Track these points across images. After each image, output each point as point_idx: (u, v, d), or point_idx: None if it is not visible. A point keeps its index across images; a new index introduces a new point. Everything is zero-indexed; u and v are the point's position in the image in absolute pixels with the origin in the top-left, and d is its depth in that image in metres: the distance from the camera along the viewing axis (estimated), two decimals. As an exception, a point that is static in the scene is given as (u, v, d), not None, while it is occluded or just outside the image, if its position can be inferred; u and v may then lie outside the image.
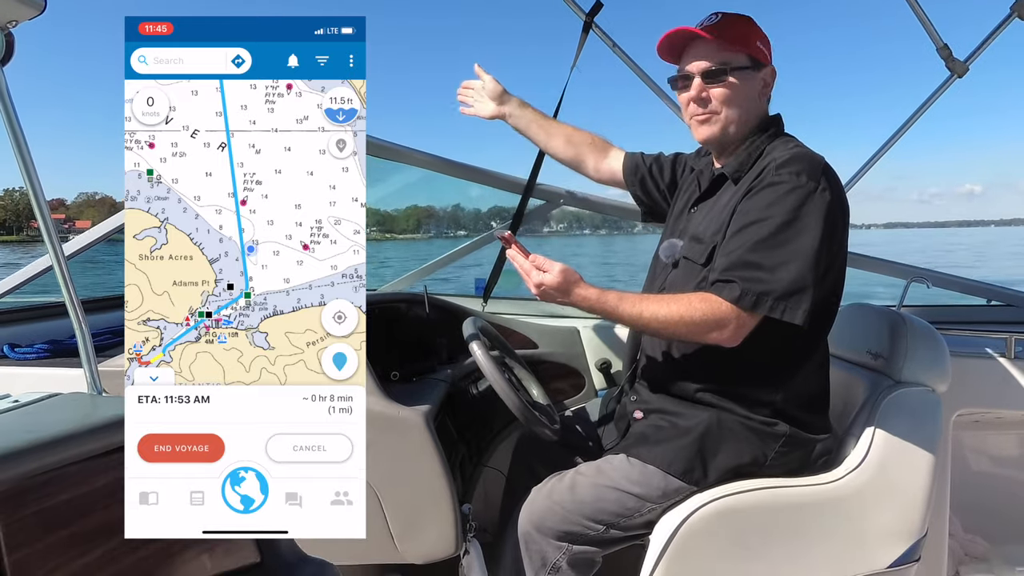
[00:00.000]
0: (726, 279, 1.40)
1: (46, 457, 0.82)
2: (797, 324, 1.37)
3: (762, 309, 1.37)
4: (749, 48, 1.54)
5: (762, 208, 1.42)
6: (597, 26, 2.41)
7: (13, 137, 1.12)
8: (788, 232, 1.39)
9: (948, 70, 2.36)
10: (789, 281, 1.37)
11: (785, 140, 1.56)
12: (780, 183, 1.41)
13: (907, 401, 1.60)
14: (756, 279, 1.38)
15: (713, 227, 1.53)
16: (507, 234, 1.53)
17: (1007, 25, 2.30)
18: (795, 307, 1.37)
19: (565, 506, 1.51)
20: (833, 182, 1.44)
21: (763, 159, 1.52)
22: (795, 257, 1.37)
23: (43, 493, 0.81)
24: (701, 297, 1.41)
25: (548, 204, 2.53)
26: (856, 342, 1.83)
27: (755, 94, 1.57)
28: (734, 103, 1.55)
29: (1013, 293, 2.47)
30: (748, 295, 1.37)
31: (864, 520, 1.53)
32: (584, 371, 2.33)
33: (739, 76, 1.54)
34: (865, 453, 1.54)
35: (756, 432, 1.50)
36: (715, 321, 1.39)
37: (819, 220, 1.39)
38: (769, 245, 1.39)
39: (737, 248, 1.41)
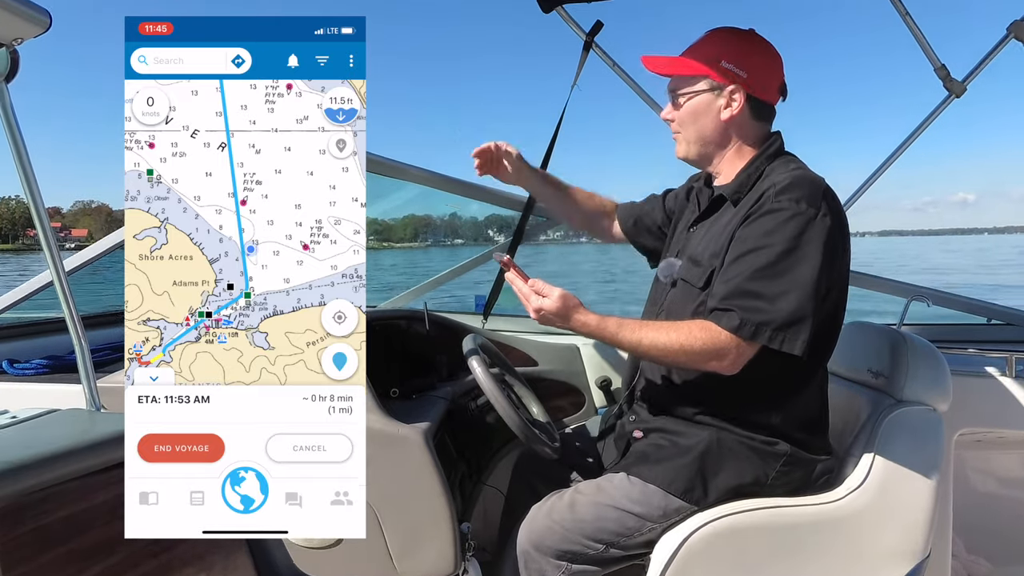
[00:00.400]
0: (725, 307, 1.39)
1: (44, 474, 0.82)
2: (796, 355, 1.36)
3: (761, 339, 1.36)
4: (708, 70, 1.54)
5: (762, 235, 1.40)
6: (597, 45, 2.42)
7: (16, 154, 1.12)
8: (788, 260, 1.37)
9: (946, 90, 2.38)
10: (789, 311, 1.36)
11: (785, 161, 1.55)
12: (780, 210, 1.40)
13: (908, 420, 1.59)
14: (755, 308, 1.37)
15: (711, 249, 1.52)
16: (506, 258, 1.53)
17: (1004, 45, 2.32)
18: (794, 338, 1.36)
19: (564, 525, 1.50)
20: (833, 206, 1.43)
21: (762, 181, 1.51)
22: (795, 287, 1.36)
23: (41, 510, 0.81)
24: (701, 326, 1.40)
25: (548, 221, 2.53)
26: (857, 360, 1.82)
27: (713, 114, 1.56)
28: (688, 125, 1.58)
29: (1013, 312, 2.47)
30: (747, 325, 1.36)
31: (866, 541, 1.52)
32: (584, 389, 2.32)
33: (693, 100, 1.56)
34: (867, 473, 1.53)
35: (757, 451, 1.49)
36: (714, 351, 1.38)
37: (819, 248, 1.38)
38: (769, 274, 1.38)
39: (736, 276, 1.40)
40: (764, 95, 1.56)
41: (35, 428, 1.00)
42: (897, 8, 2.26)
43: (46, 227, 1.19)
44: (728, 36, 1.58)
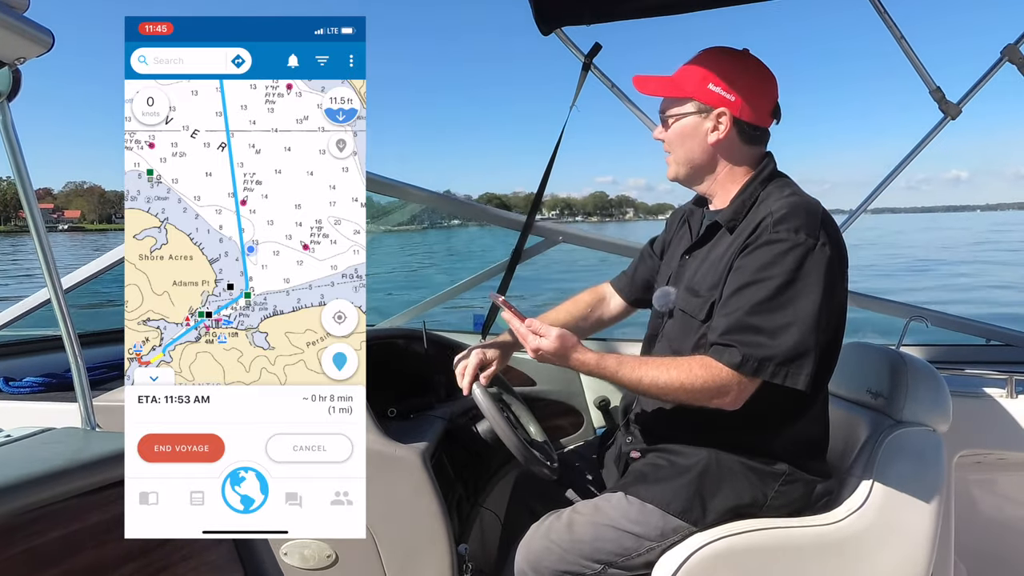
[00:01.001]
0: (726, 343, 1.38)
1: (37, 494, 0.82)
2: (800, 389, 1.35)
3: (764, 375, 1.35)
4: (696, 93, 1.53)
5: (761, 267, 1.39)
6: (596, 67, 2.45)
7: (17, 172, 1.13)
8: (788, 293, 1.36)
9: (941, 112, 2.40)
10: (791, 346, 1.34)
11: (779, 185, 1.54)
12: (778, 241, 1.39)
13: (908, 441, 1.58)
14: (757, 344, 1.35)
15: (710, 280, 1.50)
16: (501, 299, 1.53)
17: (998, 69, 2.34)
18: (797, 372, 1.35)
19: (563, 545, 1.49)
20: (831, 234, 1.42)
21: (758, 207, 1.49)
22: (796, 320, 1.35)
23: (33, 530, 0.80)
24: (701, 363, 1.39)
25: (546, 241, 2.54)
26: (856, 381, 1.82)
27: (700, 137, 1.54)
28: (677, 148, 1.58)
29: (1012, 333, 2.47)
30: (750, 361, 1.35)
31: (867, 563, 1.51)
32: (582, 409, 2.32)
33: (681, 123, 1.56)
34: (867, 494, 1.52)
35: (755, 471, 1.48)
36: (716, 388, 1.37)
37: (819, 279, 1.36)
38: (769, 307, 1.36)
39: (736, 310, 1.39)
40: (753, 119, 1.54)
41: (29, 447, 0.99)
42: (892, 32, 2.29)
43: (45, 246, 1.19)
44: (718, 58, 1.56)
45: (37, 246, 1.20)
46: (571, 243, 2.56)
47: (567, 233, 2.53)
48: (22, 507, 0.79)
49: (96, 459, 0.90)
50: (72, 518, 0.85)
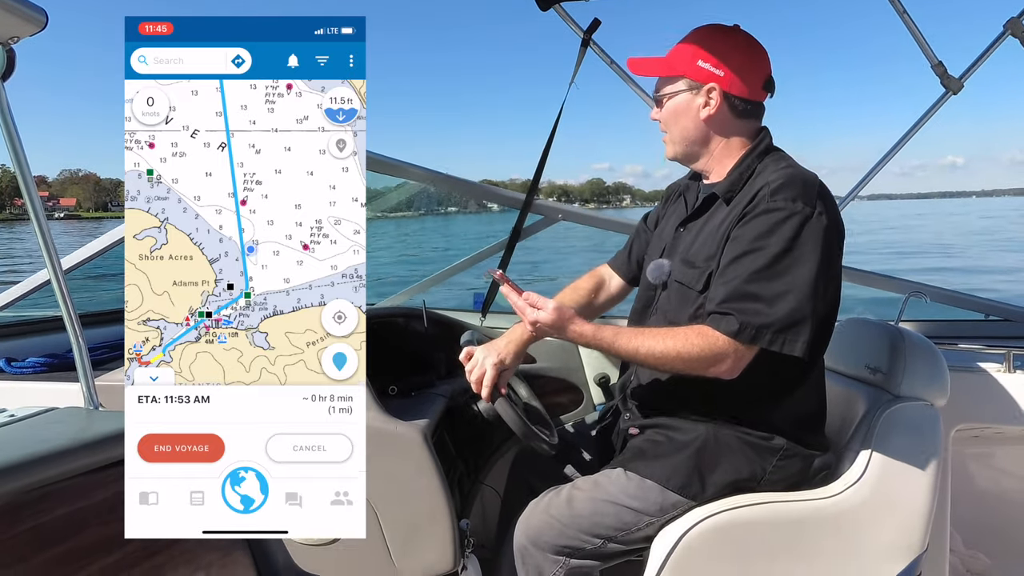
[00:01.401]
0: (723, 311, 1.38)
1: (41, 472, 0.82)
2: (797, 356, 1.36)
3: (761, 342, 1.36)
4: (687, 70, 1.55)
5: (758, 236, 1.39)
6: (595, 43, 2.43)
7: (13, 153, 1.12)
8: (785, 261, 1.37)
9: (943, 87, 2.38)
10: (788, 313, 1.35)
11: (776, 158, 1.54)
12: (776, 210, 1.39)
13: (906, 416, 1.59)
14: (754, 311, 1.36)
15: (707, 250, 1.51)
16: (499, 273, 1.54)
17: (1001, 42, 2.32)
18: (794, 339, 1.35)
19: (562, 520, 1.50)
20: (828, 204, 1.43)
21: (755, 179, 1.50)
22: (793, 288, 1.36)
23: (38, 509, 0.81)
24: (698, 332, 1.39)
25: (546, 219, 2.54)
26: (855, 357, 1.83)
27: (692, 114, 1.56)
28: (671, 125, 1.60)
29: (1011, 308, 2.47)
30: (747, 328, 1.36)
31: (864, 535, 1.52)
32: (582, 385, 2.33)
33: (674, 100, 1.58)
34: (864, 468, 1.53)
35: (753, 447, 1.49)
36: (713, 356, 1.38)
37: (816, 247, 1.37)
38: (767, 276, 1.37)
39: (733, 278, 1.39)
40: (744, 93, 1.54)
41: (33, 426, 1.00)
42: (895, 6, 2.27)
43: (44, 227, 1.19)
44: (708, 34, 1.57)
45: (35, 226, 1.20)
46: (570, 221, 2.56)
47: (566, 211, 2.53)
48: (27, 486, 0.80)
49: (100, 438, 0.91)
50: (77, 496, 0.86)
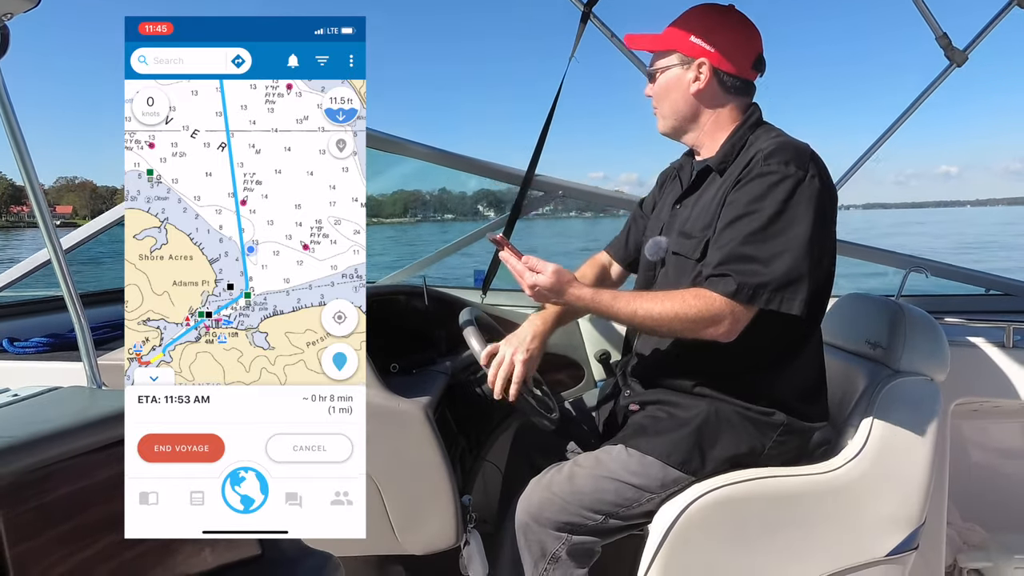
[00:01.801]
0: (720, 273, 1.39)
1: (46, 451, 0.83)
2: (795, 314, 1.37)
3: (759, 302, 1.37)
4: (680, 45, 1.58)
5: (752, 200, 1.41)
6: (595, 16, 2.40)
7: (10, 131, 1.12)
8: (780, 222, 1.38)
9: (947, 59, 2.36)
10: (784, 272, 1.36)
11: (767, 129, 1.56)
12: (769, 173, 1.41)
13: (906, 390, 1.60)
14: (751, 272, 1.37)
15: (703, 221, 1.52)
16: (499, 236, 1.54)
17: (1007, 13, 2.30)
18: (792, 297, 1.36)
19: (564, 497, 1.52)
20: (821, 169, 1.44)
21: (748, 149, 1.51)
22: (789, 247, 1.37)
23: (43, 487, 0.81)
24: (695, 293, 1.40)
25: (546, 196, 2.53)
26: (855, 332, 1.83)
27: (683, 88, 1.59)
28: (662, 99, 1.63)
29: (1011, 282, 2.47)
30: (745, 288, 1.37)
31: (862, 509, 1.54)
32: (583, 362, 2.33)
33: (666, 75, 1.60)
34: (864, 442, 1.54)
35: (753, 422, 1.50)
36: (711, 317, 1.38)
37: (810, 208, 1.38)
38: (762, 237, 1.38)
39: (729, 241, 1.41)
40: (734, 70, 1.57)
41: (36, 406, 1.00)
42: None
43: (42, 206, 1.18)
44: (702, 12, 1.60)
45: (33, 204, 1.20)
46: (570, 196, 2.55)
47: (567, 187, 2.52)
48: (32, 465, 0.81)
49: (103, 416, 0.91)
50: (81, 475, 0.87)
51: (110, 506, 0.84)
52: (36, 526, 0.79)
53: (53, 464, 0.83)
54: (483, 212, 29.69)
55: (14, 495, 0.78)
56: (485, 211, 16.71)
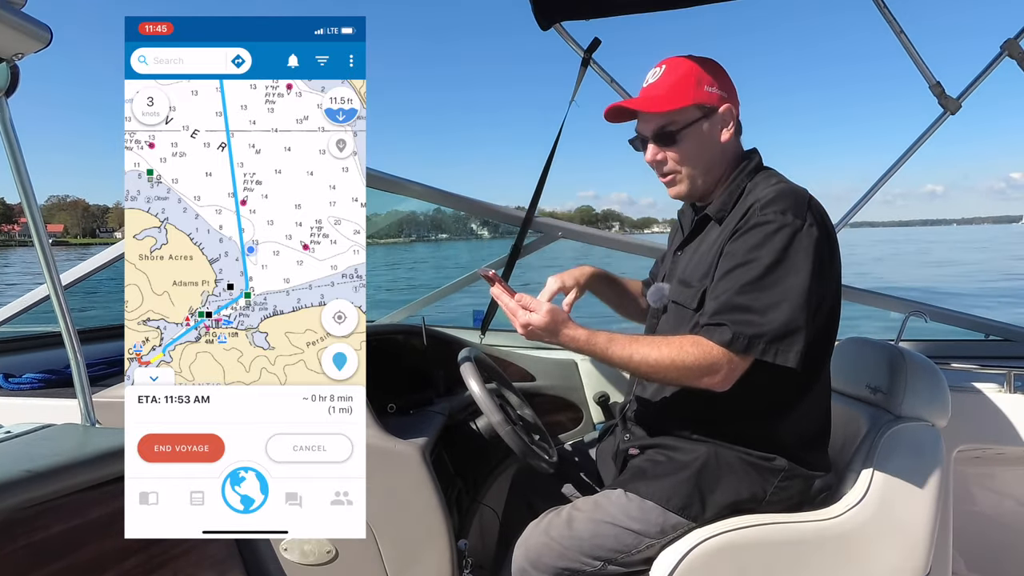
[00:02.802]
0: (716, 323, 1.38)
1: (37, 489, 0.82)
2: (790, 367, 1.36)
3: (754, 352, 1.36)
4: (697, 97, 1.51)
5: (749, 249, 1.40)
6: (595, 62, 2.44)
7: (15, 170, 1.13)
8: (777, 272, 1.37)
9: (941, 107, 2.40)
10: (781, 323, 1.35)
11: (766, 175, 1.55)
12: (766, 223, 1.40)
13: (907, 436, 1.59)
14: (747, 322, 1.36)
15: (701, 270, 1.51)
16: (491, 273, 1.51)
17: (998, 63, 2.34)
18: (787, 349, 1.35)
19: (562, 542, 1.49)
20: (819, 217, 1.43)
21: (746, 197, 1.50)
22: (786, 298, 1.36)
23: (34, 526, 0.80)
24: (693, 341, 1.39)
25: (545, 236, 2.54)
26: (855, 376, 1.82)
27: (714, 140, 1.54)
28: (690, 159, 1.54)
29: (1011, 328, 2.47)
30: (740, 339, 1.35)
31: (866, 557, 1.51)
32: (582, 404, 2.32)
33: (691, 131, 1.52)
34: (866, 489, 1.52)
35: (754, 467, 1.49)
36: (707, 366, 1.37)
37: (808, 258, 1.37)
38: (759, 287, 1.37)
39: (726, 291, 1.40)
40: (739, 112, 1.56)
41: (29, 443, 0.99)
42: (892, 27, 2.29)
43: (44, 242, 1.19)
44: (694, 61, 1.55)
45: (36, 242, 1.20)
46: (569, 238, 2.57)
47: (566, 229, 2.53)
48: (23, 503, 0.80)
49: (96, 455, 0.90)
50: (73, 513, 0.85)
51: (102, 545, 0.83)
52: (27, 565, 0.78)
53: (44, 502, 0.82)
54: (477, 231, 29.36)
55: (4, 533, 0.77)
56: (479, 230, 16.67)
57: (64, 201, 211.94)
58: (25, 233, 17.73)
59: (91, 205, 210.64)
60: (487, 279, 1.51)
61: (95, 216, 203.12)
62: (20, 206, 1.20)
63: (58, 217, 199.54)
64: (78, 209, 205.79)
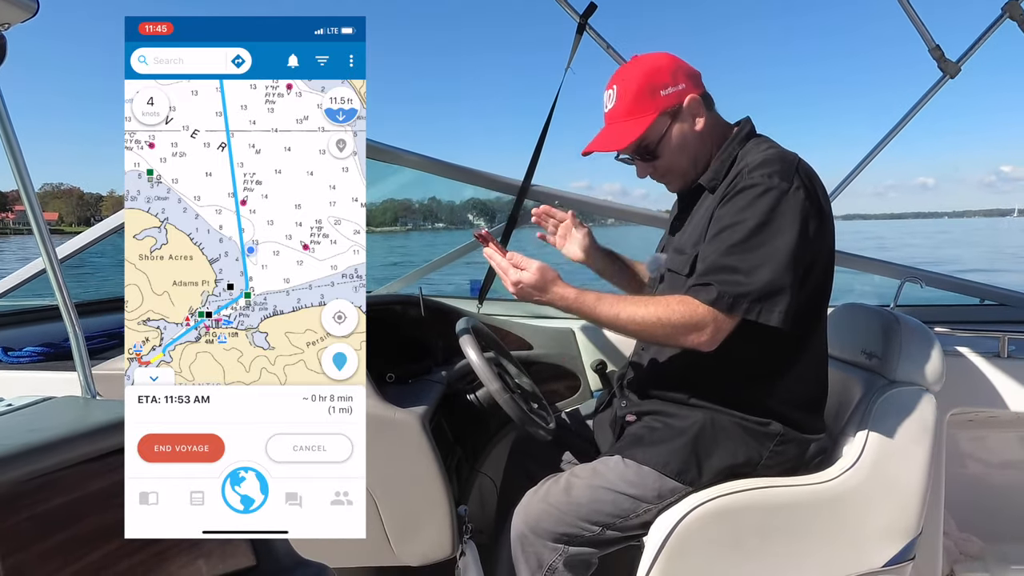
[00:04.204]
0: (703, 283, 1.40)
1: (40, 461, 0.82)
2: (774, 326, 1.37)
3: (738, 311, 1.37)
4: (657, 106, 1.52)
5: (736, 212, 1.41)
6: (591, 27, 2.41)
7: (6, 140, 1.12)
8: (763, 234, 1.38)
9: (940, 71, 2.38)
10: (765, 283, 1.36)
11: (758, 142, 1.56)
12: (753, 186, 1.41)
13: (901, 400, 1.60)
14: (733, 282, 1.37)
15: (694, 237, 1.53)
16: (484, 232, 1.53)
17: (999, 25, 2.32)
18: (771, 308, 1.36)
19: (560, 508, 1.51)
20: (807, 179, 1.44)
21: (737, 164, 1.52)
22: (770, 259, 1.37)
23: (37, 498, 0.81)
24: (679, 300, 1.41)
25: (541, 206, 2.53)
26: (850, 342, 1.84)
27: (691, 134, 1.56)
28: (678, 159, 1.57)
29: (1006, 292, 2.48)
30: (725, 297, 1.37)
31: (859, 519, 1.54)
32: (579, 372, 2.33)
33: (666, 139, 1.55)
34: (860, 452, 1.54)
35: (750, 432, 1.50)
36: (693, 324, 1.38)
37: (794, 220, 1.38)
38: (744, 248, 1.38)
39: (713, 252, 1.41)
40: (702, 88, 1.58)
41: (30, 415, 1.00)
42: None
43: (38, 215, 1.18)
44: (642, 69, 1.56)
45: (29, 213, 1.19)
46: (567, 207, 2.55)
47: (563, 197, 2.52)
48: (25, 475, 0.80)
49: (98, 427, 0.91)
50: (75, 485, 0.86)
51: (105, 516, 0.84)
52: (30, 536, 0.79)
53: (47, 474, 0.83)
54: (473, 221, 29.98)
55: (7, 505, 0.77)
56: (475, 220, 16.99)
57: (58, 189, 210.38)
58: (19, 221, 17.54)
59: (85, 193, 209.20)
60: (480, 239, 1.52)
61: (90, 204, 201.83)
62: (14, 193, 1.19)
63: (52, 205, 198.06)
64: (73, 197, 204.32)
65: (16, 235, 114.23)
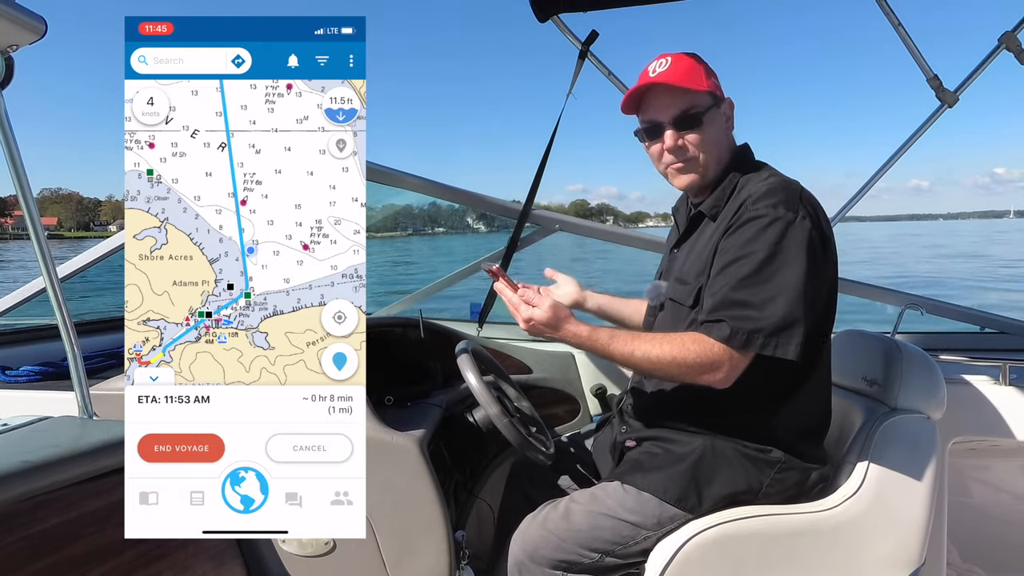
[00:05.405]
0: (715, 319, 1.39)
1: (34, 481, 0.82)
2: (791, 360, 1.36)
3: (754, 347, 1.36)
4: (709, 85, 1.53)
5: (743, 244, 1.40)
6: (592, 55, 2.44)
7: (11, 162, 1.12)
8: (772, 266, 1.37)
9: (938, 100, 2.40)
10: (779, 316, 1.35)
11: (758, 169, 1.56)
12: (759, 217, 1.40)
13: (903, 428, 1.59)
14: (745, 317, 1.36)
15: (697, 267, 1.52)
16: (495, 267, 1.52)
17: (996, 56, 2.34)
18: (787, 342, 1.35)
19: (559, 534, 1.50)
20: (811, 208, 1.43)
21: (739, 193, 1.51)
22: (781, 291, 1.36)
23: (31, 518, 0.80)
24: (693, 338, 1.39)
25: (542, 230, 2.54)
26: (851, 369, 1.83)
27: (723, 130, 1.56)
28: (709, 145, 1.53)
29: (1006, 321, 2.48)
30: (739, 334, 1.36)
31: (861, 549, 1.52)
32: (579, 396, 2.32)
33: (710, 116, 1.52)
34: (861, 481, 1.53)
35: (751, 459, 1.49)
36: (708, 363, 1.37)
37: (801, 250, 1.37)
38: (754, 281, 1.37)
39: (723, 287, 1.40)
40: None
41: (26, 435, 0.99)
42: (890, 20, 2.28)
43: (40, 235, 1.18)
44: (695, 56, 1.56)
45: (32, 233, 1.19)
46: (567, 231, 2.57)
47: (563, 221, 2.53)
48: (20, 495, 0.79)
49: (94, 447, 0.90)
50: (71, 506, 0.85)
51: (100, 537, 0.83)
52: (23, 557, 0.78)
53: (42, 495, 0.82)
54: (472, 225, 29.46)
55: (2, 525, 0.76)
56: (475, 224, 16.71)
57: (58, 194, 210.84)
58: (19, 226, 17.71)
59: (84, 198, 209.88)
60: (491, 274, 1.51)
61: (89, 209, 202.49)
62: (13, 198, 1.20)
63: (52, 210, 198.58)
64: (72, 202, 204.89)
65: (15, 240, 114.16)
